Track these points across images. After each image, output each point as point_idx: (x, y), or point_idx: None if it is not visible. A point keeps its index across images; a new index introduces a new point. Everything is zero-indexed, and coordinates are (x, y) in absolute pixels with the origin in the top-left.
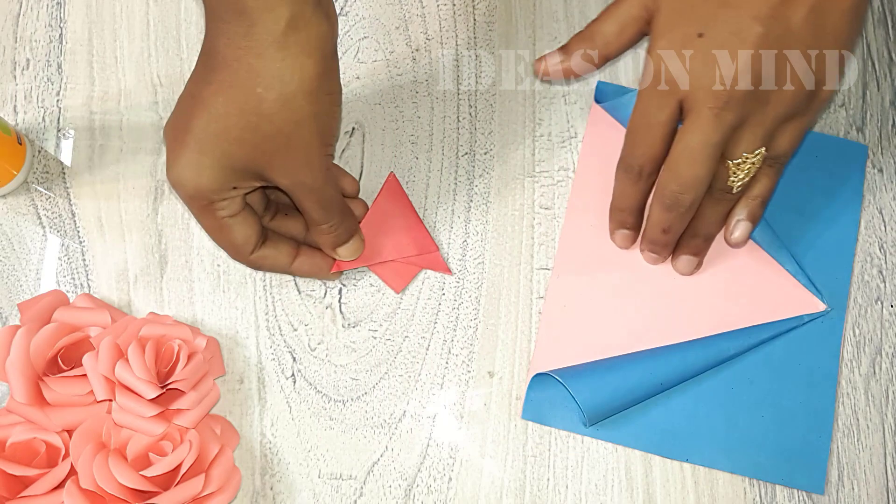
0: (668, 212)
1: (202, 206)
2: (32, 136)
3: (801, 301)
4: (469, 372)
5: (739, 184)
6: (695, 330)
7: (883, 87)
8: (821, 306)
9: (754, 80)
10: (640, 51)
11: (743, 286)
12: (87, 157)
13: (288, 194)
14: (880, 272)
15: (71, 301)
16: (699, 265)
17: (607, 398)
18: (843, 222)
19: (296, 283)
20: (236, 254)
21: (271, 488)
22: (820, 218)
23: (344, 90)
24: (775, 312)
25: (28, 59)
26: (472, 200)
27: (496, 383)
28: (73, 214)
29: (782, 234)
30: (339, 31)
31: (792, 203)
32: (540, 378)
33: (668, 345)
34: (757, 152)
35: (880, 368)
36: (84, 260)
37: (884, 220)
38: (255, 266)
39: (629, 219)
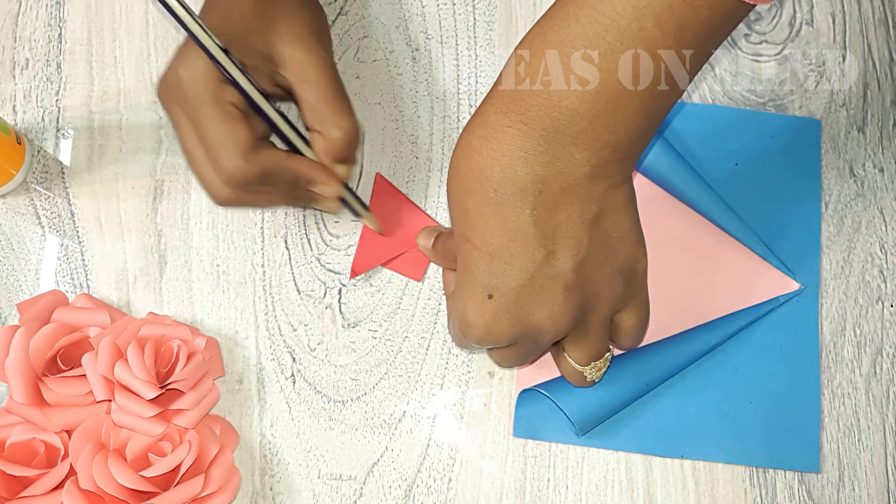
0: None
1: (213, 93)
2: (31, 136)
3: (775, 282)
4: (469, 372)
5: (599, 374)
6: (674, 326)
7: (884, 87)
8: (794, 285)
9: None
10: None
11: (716, 276)
12: (87, 156)
13: (290, 78)
14: (881, 272)
15: (70, 301)
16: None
17: (595, 406)
18: (806, 198)
19: (295, 284)
20: (238, 154)
21: (271, 489)
22: (782, 197)
23: None
24: (751, 297)
25: (27, 59)
26: None
27: (496, 383)
28: (73, 214)
29: (747, 218)
30: (339, 31)
31: (753, 185)
32: (527, 394)
33: (649, 343)
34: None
35: (881, 368)
36: (83, 260)
37: (884, 220)
38: (251, 178)
39: None
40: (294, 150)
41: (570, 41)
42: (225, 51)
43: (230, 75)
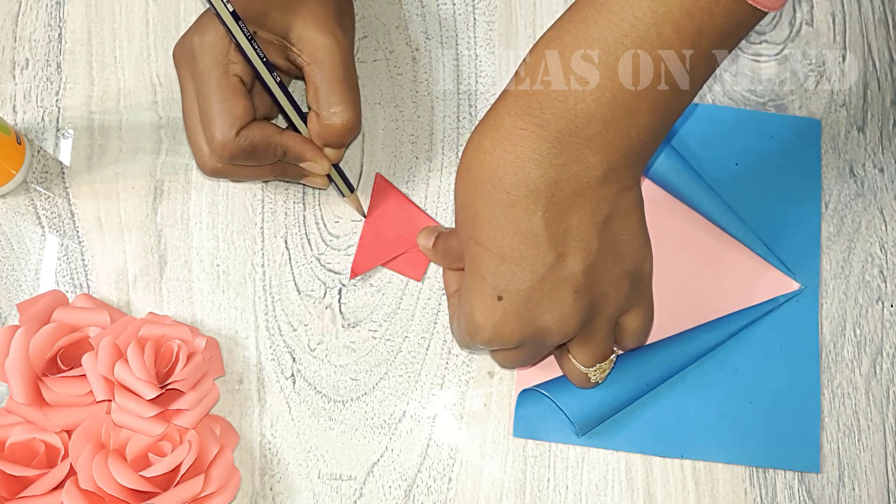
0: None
1: (218, 62)
2: (32, 136)
3: (775, 282)
4: (469, 372)
5: (603, 375)
6: (674, 326)
7: (884, 87)
8: (794, 285)
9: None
10: None
11: (716, 276)
12: (87, 156)
13: (302, 56)
14: (881, 272)
15: (70, 301)
16: None
17: (595, 406)
18: (806, 199)
19: (295, 284)
20: (229, 127)
21: (271, 489)
22: (782, 197)
23: None
24: (751, 297)
25: (27, 59)
26: None
27: (496, 383)
28: (73, 214)
29: (747, 218)
30: None
31: (753, 185)
32: (527, 394)
33: (650, 343)
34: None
35: (881, 368)
36: (83, 260)
37: (884, 220)
38: (238, 152)
39: None
40: (291, 124)
41: (587, 45)
42: (234, 14)
43: (235, 39)
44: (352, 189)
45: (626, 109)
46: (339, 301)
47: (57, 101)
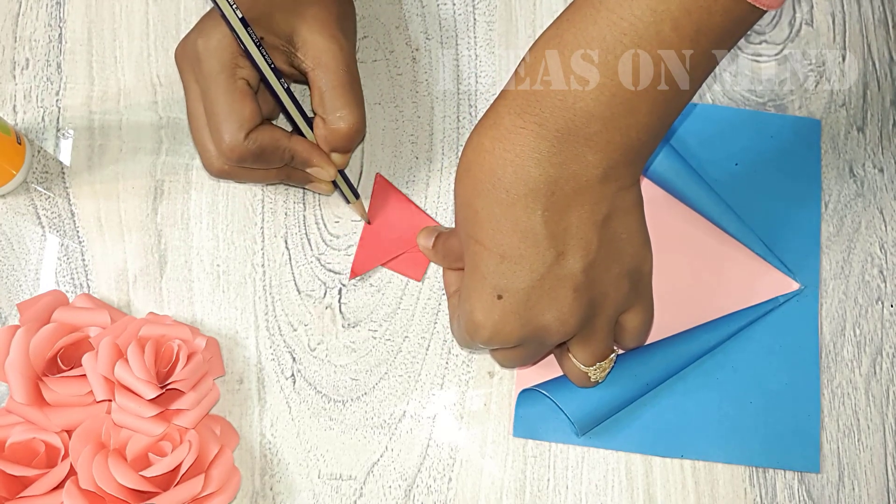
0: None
1: (225, 65)
2: (32, 136)
3: (775, 282)
4: (469, 372)
5: (603, 374)
6: (674, 326)
7: (883, 87)
8: (794, 285)
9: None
10: None
11: (716, 276)
12: (87, 156)
13: (306, 61)
14: (881, 272)
15: (70, 301)
16: None
17: (595, 406)
18: (806, 199)
19: (295, 284)
20: (238, 129)
21: (271, 489)
22: (782, 197)
23: None
24: (751, 297)
25: (27, 59)
26: None
27: (496, 383)
28: (73, 214)
29: (747, 218)
30: None
31: (753, 186)
32: (527, 394)
33: (650, 343)
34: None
35: (881, 368)
36: (83, 260)
37: (884, 220)
38: (247, 154)
39: None
40: (297, 129)
41: (586, 43)
42: (243, 21)
43: (244, 45)
44: (357, 196)
45: (625, 108)
46: (339, 301)
47: (57, 101)
